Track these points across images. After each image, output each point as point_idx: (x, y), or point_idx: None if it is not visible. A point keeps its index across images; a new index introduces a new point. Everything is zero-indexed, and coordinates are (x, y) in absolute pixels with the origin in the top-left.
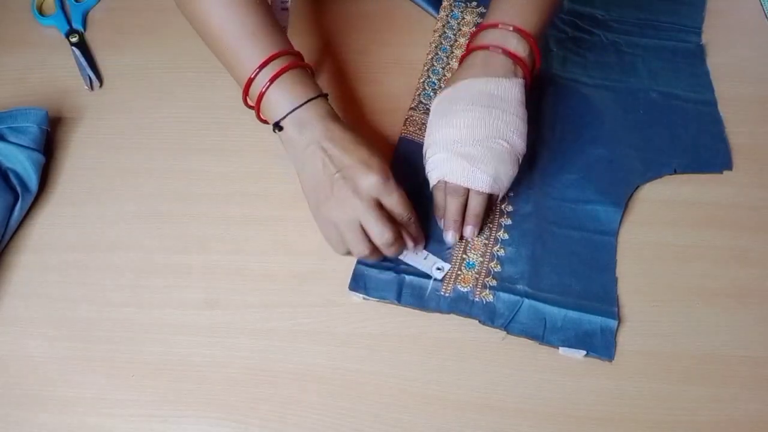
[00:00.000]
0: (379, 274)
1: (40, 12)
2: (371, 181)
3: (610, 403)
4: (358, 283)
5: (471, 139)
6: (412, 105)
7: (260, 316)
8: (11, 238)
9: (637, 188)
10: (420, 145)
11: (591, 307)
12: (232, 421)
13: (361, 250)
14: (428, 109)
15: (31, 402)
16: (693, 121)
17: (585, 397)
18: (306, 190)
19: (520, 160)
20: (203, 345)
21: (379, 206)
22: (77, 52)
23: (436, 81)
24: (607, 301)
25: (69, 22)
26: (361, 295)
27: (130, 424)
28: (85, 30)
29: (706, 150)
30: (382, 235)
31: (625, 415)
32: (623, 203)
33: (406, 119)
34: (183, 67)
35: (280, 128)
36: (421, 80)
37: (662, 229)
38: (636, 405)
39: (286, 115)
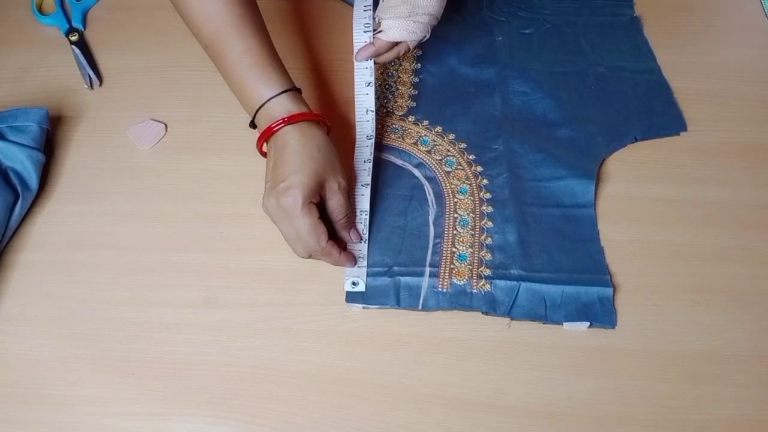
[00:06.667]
0: (373, 282)
1: (40, 11)
2: (281, 202)
3: (610, 402)
4: (354, 295)
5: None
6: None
7: (260, 315)
8: (11, 237)
9: (604, 160)
10: (399, 152)
11: (585, 279)
12: (232, 419)
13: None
14: (403, 117)
15: (31, 401)
16: (642, 90)
17: (585, 396)
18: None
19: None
20: (203, 344)
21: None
22: (77, 50)
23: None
24: (598, 271)
25: (69, 21)
26: (360, 305)
27: (130, 422)
28: (84, 29)
29: (659, 116)
30: (297, 253)
31: (625, 415)
32: (594, 176)
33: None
34: (183, 66)
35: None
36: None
37: (662, 228)
38: (636, 405)
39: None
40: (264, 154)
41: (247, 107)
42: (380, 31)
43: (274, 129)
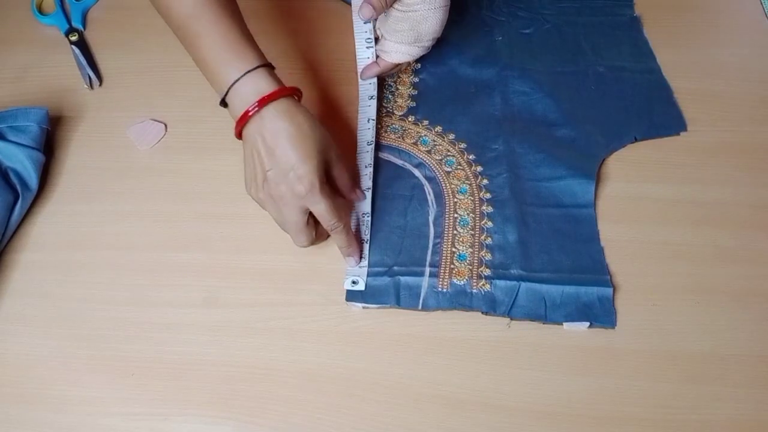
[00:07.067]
0: (373, 282)
1: (40, 11)
2: (297, 190)
3: (610, 402)
4: (354, 294)
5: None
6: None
7: (260, 315)
8: (11, 237)
9: (604, 160)
10: (399, 152)
11: (584, 279)
12: (232, 419)
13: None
14: (403, 116)
15: (30, 401)
16: (642, 90)
17: (585, 396)
18: (245, 167)
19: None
20: (203, 344)
21: (307, 211)
22: (77, 50)
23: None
24: (598, 271)
25: (68, 21)
26: (360, 305)
27: (130, 422)
28: (84, 29)
29: (659, 116)
30: (300, 242)
31: (625, 415)
32: (594, 176)
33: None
34: (183, 66)
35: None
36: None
37: (662, 228)
38: (636, 405)
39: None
40: (240, 135)
41: (220, 82)
42: (384, 52)
43: (251, 113)
